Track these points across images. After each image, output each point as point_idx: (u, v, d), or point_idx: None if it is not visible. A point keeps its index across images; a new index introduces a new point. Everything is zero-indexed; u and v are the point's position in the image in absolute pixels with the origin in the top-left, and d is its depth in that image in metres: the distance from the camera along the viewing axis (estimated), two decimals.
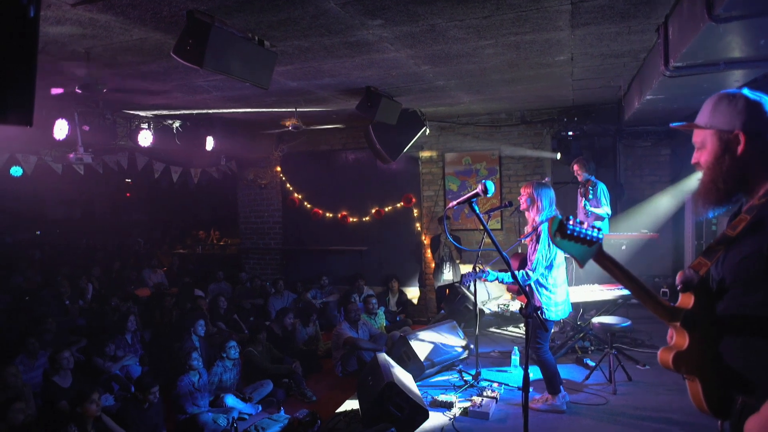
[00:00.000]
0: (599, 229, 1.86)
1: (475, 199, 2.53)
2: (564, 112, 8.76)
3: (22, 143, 6.72)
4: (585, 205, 6.88)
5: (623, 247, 6.88)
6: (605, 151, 9.15)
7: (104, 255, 11.66)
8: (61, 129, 6.01)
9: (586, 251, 1.86)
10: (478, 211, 2.49)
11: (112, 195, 16.84)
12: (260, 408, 5.94)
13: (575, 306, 6.84)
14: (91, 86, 4.65)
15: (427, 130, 8.82)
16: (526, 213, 4.76)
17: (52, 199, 15.88)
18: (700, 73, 4.15)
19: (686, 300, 1.80)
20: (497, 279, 4.34)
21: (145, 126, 7.06)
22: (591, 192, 6.95)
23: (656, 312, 1.82)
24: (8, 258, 11.50)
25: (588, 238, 1.84)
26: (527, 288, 2.73)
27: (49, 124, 5.99)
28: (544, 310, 4.56)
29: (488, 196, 2.53)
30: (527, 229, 4.74)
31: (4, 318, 7.75)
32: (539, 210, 4.70)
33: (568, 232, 1.83)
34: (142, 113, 7.37)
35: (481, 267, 4.60)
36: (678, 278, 1.82)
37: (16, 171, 11.30)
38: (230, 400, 5.87)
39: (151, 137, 7.10)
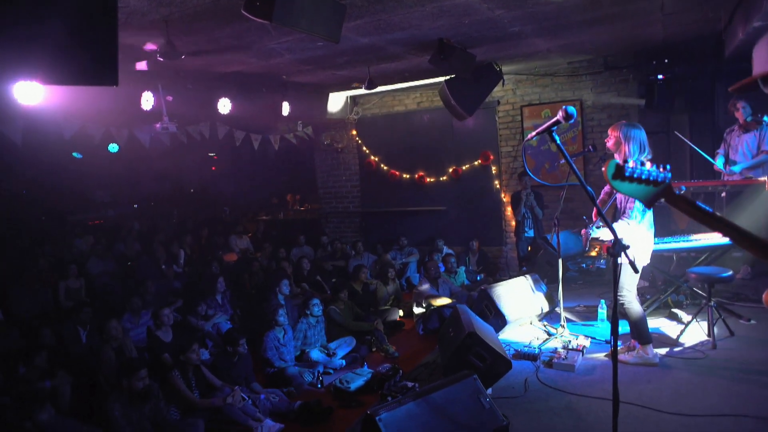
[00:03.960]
0: (666, 168, 1.80)
1: (555, 128, 2.37)
2: (653, 53, 8.09)
3: (115, 117, 7.13)
4: None
5: (723, 194, 6.33)
6: (700, 95, 8.41)
7: (194, 224, 12.31)
8: (147, 100, 6.32)
9: (651, 192, 1.81)
10: (558, 141, 2.33)
11: (198, 169, 17.75)
12: (344, 363, 6.10)
13: (668, 257, 6.45)
14: (171, 54, 4.82)
15: (504, 83, 8.49)
16: (615, 156, 4.45)
17: (146, 175, 16.98)
18: None
19: None
20: (600, 236, 4.17)
21: (224, 94, 7.27)
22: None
23: (754, 252, 1.67)
24: (111, 229, 12.43)
25: (651, 178, 1.78)
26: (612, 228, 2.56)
27: (137, 96, 6.32)
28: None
29: (570, 122, 2.35)
30: None
31: (110, 281, 8.42)
32: (627, 155, 4.38)
33: (627, 174, 1.78)
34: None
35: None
36: None
37: (113, 148, 12.13)
38: (315, 355, 6.08)
39: (230, 105, 7.31)
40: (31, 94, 4.77)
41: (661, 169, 1.79)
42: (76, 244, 10.36)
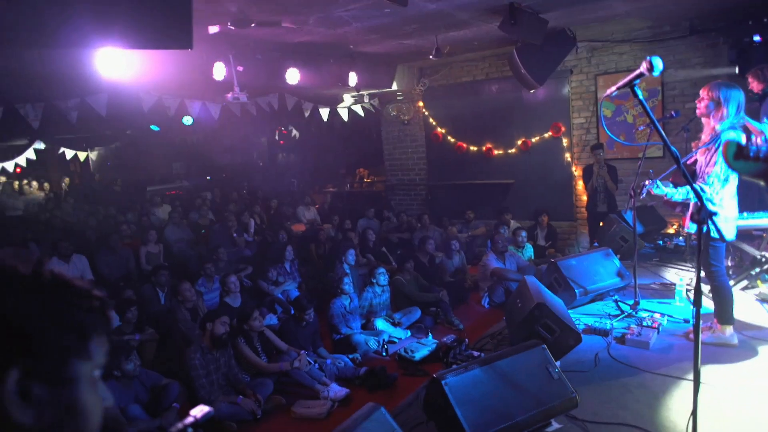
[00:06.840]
0: None
1: (637, 81, 2.18)
2: (747, 11, 7.42)
3: (188, 88, 7.37)
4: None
5: None
6: None
7: (263, 195, 12.68)
8: (219, 71, 6.47)
9: None
10: (641, 97, 2.15)
11: (267, 142, 18.21)
12: (409, 333, 6.14)
13: (757, 235, 6.01)
14: (242, 21, 4.88)
15: (577, 50, 8.10)
16: (704, 120, 4.08)
17: (218, 148, 17.60)
18: None
19: None
20: (665, 195, 3.89)
21: (292, 64, 7.34)
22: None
23: None
24: (186, 199, 13.01)
25: None
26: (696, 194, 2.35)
27: (209, 67, 6.48)
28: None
29: (655, 75, 2.16)
30: (703, 138, 4.11)
31: (186, 248, 8.84)
32: (723, 117, 3.97)
33: (752, 154, 1.50)
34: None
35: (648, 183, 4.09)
36: None
37: (187, 120, 12.59)
38: (380, 324, 6.13)
39: (299, 75, 7.37)
40: (113, 65, 4.98)
41: None
42: (155, 212, 10.93)
